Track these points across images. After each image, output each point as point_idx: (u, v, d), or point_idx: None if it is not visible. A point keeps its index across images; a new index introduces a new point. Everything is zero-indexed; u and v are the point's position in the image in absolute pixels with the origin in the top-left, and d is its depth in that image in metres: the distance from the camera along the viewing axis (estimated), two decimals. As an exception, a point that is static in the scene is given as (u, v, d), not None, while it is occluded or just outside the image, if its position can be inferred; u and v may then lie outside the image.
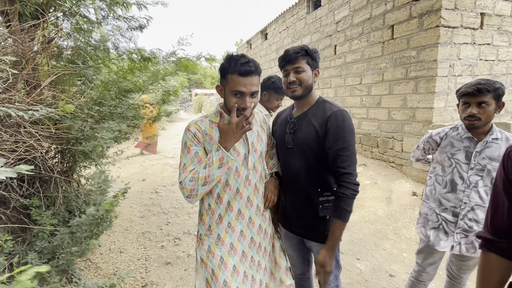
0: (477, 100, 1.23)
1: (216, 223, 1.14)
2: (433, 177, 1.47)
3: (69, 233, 1.86)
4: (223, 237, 1.14)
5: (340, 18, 5.56)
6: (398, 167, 4.43)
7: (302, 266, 1.47)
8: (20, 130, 1.89)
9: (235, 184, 1.14)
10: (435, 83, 3.77)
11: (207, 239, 1.15)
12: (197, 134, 1.11)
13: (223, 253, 1.13)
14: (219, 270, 1.11)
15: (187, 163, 1.08)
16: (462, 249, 1.34)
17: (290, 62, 1.17)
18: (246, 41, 11.64)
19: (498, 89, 1.21)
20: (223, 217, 1.14)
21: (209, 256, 1.13)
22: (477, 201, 1.30)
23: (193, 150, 1.10)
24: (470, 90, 1.24)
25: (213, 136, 1.13)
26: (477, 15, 3.84)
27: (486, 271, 0.74)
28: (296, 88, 1.18)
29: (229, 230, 1.14)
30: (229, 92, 1.07)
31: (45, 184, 2.20)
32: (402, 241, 2.82)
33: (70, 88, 2.59)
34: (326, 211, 1.20)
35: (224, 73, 1.09)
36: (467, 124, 1.31)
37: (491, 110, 1.23)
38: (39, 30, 2.20)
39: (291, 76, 1.17)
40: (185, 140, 1.12)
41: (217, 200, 1.14)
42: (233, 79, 1.05)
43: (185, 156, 1.10)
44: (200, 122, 1.14)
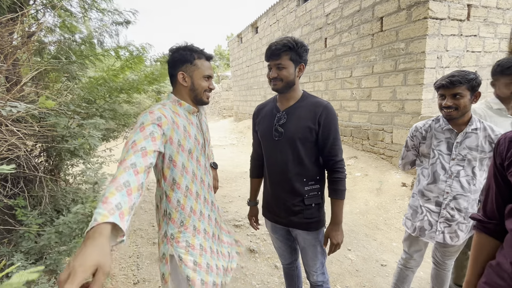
0: (451, 92, 1.27)
1: (189, 216, 1.14)
2: (419, 169, 1.50)
3: (55, 232, 1.83)
4: (198, 226, 1.17)
5: (330, 11, 5.54)
6: (388, 158, 4.50)
7: (289, 256, 1.52)
8: (1, 129, 1.83)
9: (199, 173, 1.19)
10: (424, 74, 3.81)
11: (182, 235, 1.12)
12: (161, 119, 0.99)
13: (200, 240, 1.16)
14: (200, 257, 1.13)
15: (137, 140, 0.89)
16: (446, 238, 1.37)
17: (272, 57, 1.20)
18: (237, 35, 11.51)
19: (471, 80, 1.24)
20: (195, 208, 1.16)
21: (189, 250, 1.12)
22: (459, 191, 1.33)
23: (149, 130, 0.93)
24: (444, 83, 1.28)
25: (179, 125, 1.07)
26: (464, 7, 3.88)
27: (477, 249, 0.80)
28: (277, 83, 1.23)
29: (201, 217, 1.19)
30: (199, 77, 1.15)
31: (30, 184, 2.14)
32: (392, 231, 2.88)
33: (53, 85, 2.52)
34: (311, 199, 1.27)
35: (190, 59, 1.13)
36: (444, 115, 1.35)
37: (466, 101, 1.26)
38: (18, 24, 2.11)
39: (273, 72, 1.22)
40: (142, 120, 0.96)
41: (186, 193, 1.14)
42: (204, 64, 1.15)
43: (137, 133, 0.92)
44: (164, 109, 1.05)
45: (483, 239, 0.79)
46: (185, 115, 1.15)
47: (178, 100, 1.15)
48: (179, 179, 1.11)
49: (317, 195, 1.28)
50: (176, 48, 1.16)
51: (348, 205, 3.57)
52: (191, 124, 1.16)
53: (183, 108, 1.16)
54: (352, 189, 3.99)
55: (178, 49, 1.15)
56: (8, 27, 2.04)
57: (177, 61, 1.14)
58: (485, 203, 0.79)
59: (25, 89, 2.00)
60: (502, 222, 0.74)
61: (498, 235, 0.76)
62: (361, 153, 4.99)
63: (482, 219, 0.79)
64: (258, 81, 9.87)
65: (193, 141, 1.14)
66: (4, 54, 1.92)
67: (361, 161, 4.67)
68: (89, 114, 2.39)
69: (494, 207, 0.76)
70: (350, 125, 5.37)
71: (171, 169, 1.09)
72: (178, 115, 1.11)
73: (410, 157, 1.56)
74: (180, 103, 1.15)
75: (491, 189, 0.77)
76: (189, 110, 1.17)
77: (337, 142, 1.23)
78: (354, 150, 5.19)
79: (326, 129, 1.20)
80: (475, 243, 0.81)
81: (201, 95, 1.17)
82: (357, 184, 4.08)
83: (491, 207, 0.77)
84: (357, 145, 5.24)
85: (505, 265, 0.68)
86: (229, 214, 3.32)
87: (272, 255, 2.46)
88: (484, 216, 0.79)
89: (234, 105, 13.33)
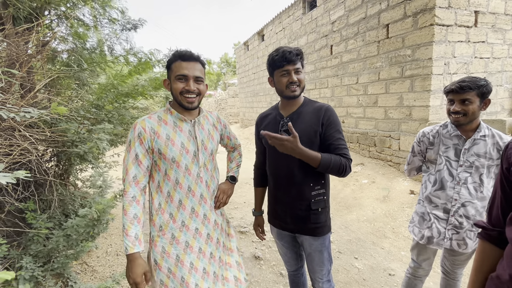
0: (460, 97, 1.25)
1: (167, 222, 1.13)
2: (426, 176, 1.48)
3: (64, 236, 1.85)
4: (177, 236, 1.14)
5: (336, 18, 5.58)
6: (395, 165, 4.44)
7: (295, 263, 1.50)
8: (15, 134, 1.89)
9: (186, 182, 1.14)
10: (431, 81, 3.78)
11: (160, 240, 1.13)
12: (141, 134, 1.09)
13: (178, 251, 1.13)
14: (176, 268, 1.11)
15: (128, 164, 1.09)
16: (453, 244, 1.35)
17: (291, 62, 1.19)
18: (243, 43, 11.67)
19: (482, 86, 1.22)
20: (175, 216, 1.14)
21: (164, 257, 1.11)
22: (467, 198, 1.31)
23: (134, 153, 1.09)
24: (453, 87, 1.27)
25: (160, 134, 1.11)
26: (471, 13, 3.86)
27: (480, 258, 0.76)
28: (296, 88, 1.23)
29: (183, 228, 1.15)
30: (173, 79, 1.12)
31: (40, 188, 2.19)
32: (400, 240, 2.82)
33: (65, 91, 2.59)
34: (317, 204, 1.26)
35: (168, 65, 1.14)
36: (452, 120, 1.33)
37: (475, 107, 1.24)
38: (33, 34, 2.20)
39: (293, 76, 1.20)
40: (129, 138, 1.11)
41: (167, 199, 1.14)
42: (176, 66, 1.12)
43: (128, 154, 1.10)
44: (147, 120, 1.12)
45: (486, 248, 0.75)
46: (174, 123, 1.15)
47: (169, 109, 1.17)
48: (161, 184, 1.14)
49: (323, 199, 1.27)
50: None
51: (355, 212, 3.52)
52: (179, 132, 1.14)
53: (173, 116, 1.16)
54: (359, 196, 3.94)
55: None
56: (24, 36, 2.12)
57: (167, 69, 1.17)
58: (491, 209, 0.76)
59: (38, 96, 2.06)
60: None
61: (502, 244, 0.71)
62: (368, 160, 4.93)
63: (486, 226, 0.75)
64: (264, 88, 9.94)
65: (178, 149, 1.12)
66: (20, 62, 2.00)
67: (368, 168, 4.62)
68: (97, 119, 2.45)
69: (499, 213, 0.72)
70: (357, 131, 5.34)
71: (157, 172, 1.15)
72: (165, 124, 1.14)
73: (416, 162, 1.54)
74: (171, 112, 1.16)
75: (497, 195, 0.74)
76: (179, 118, 1.16)
77: (342, 141, 1.22)
78: (360, 157, 5.14)
79: (330, 128, 1.22)
80: (478, 251, 0.77)
81: (179, 98, 1.12)
82: (364, 191, 4.02)
83: (496, 213, 0.73)
84: (363, 152, 5.19)
85: (504, 276, 0.64)
86: (234, 221, 3.31)
87: (278, 263, 2.44)
88: (489, 223, 0.76)
89: (240, 111, 13.41)
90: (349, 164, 1.19)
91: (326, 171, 1.17)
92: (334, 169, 1.16)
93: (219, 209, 1.33)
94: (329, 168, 1.15)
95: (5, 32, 2.05)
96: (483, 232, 0.76)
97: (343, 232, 3.02)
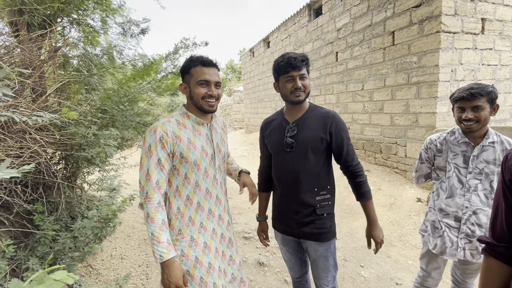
0: (472, 104, 1.25)
1: (187, 225, 1.13)
2: (437, 183, 1.45)
3: (71, 238, 1.87)
4: (196, 238, 1.14)
5: (341, 26, 5.62)
6: (402, 172, 4.38)
7: (300, 269, 1.48)
8: (26, 136, 1.93)
9: (204, 184, 1.17)
10: (437, 88, 3.76)
11: (178, 243, 1.12)
12: (163, 138, 1.07)
13: (197, 253, 1.13)
14: (194, 269, 1.11)
15: (150, 169, 1.05)
16: (467, 254, 1.31)
17: (296, 68, 1.20)
18: (249, 49, 11.80)
19: (491, 92, 1.23)
20: (194, 219, 1.14)
21: (183, 260, 1.11)
22: (479, 205, 1.28)
23: (156, 157, 1.06)
24: (464, 95, 1.26)
25: (182, 138, 1.11)
26: (478, 21, 3.85)
27: (486, 276, 0.71)
28: (300, 94, 1.24)
29: (202, 230, 1.16)
30: (194, 84, 1.13)
31: (49, 190, 2.22)
32: (407, 248, 2.76)
33: (74, 96, 2.65)
34: (323, 209, 1.26)
35: (187, 70, 1.15)
36: (463, 128, 1.31)
37: (486, 113, 1.25)
38: (46, 40, 2.27)
39: (298, 82, 1.21)
40: (149, 142, 1.07)
41: (186, 202, 1.15)
42: (197, 71, 1.13)
43: (148, 159, 1.06)
44: (168, 124, 1.11)
45: (492, 265, 0.69)
46: (192, 127, 1.16)
47: (186, 113, 1.17)
48: (180, 188, 1.14)
49: (329, 205, 1.27)
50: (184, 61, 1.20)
51: (361, 219, 3.47)
52: (198, 135, 1.16)
53: (191, 120, 1.17)
54: (364, 204, 3.89)
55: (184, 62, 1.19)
56: (38, 42, 2.19)
57: (182, 73, 1.18)
58: (494, 223, 0.71)
59: (50, 100, 2.11)
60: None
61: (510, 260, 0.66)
62: (374, 166, 4.89)
63: (491, 241, 0.70)
64: (269, 94, 9.99)
65: (199, 153, 1.14)
66: (33, 67, 2.06)
67: (374, 175, 4.57)
68: (103, 123, 2.49)
69: (504, 227, 0.67)
70: (362, 138, 5.31)
71: (175, 176, 1.14)
72: (185, 127, 1.14)
73: (424, 169, 1.53)
74: (188, 115, 1.17)
75: (500, 208, 0.69)
76: (197, 122, 1.18)
77: (350, 148, 1.27)
78: (366, 164, 5.09)
79: (339, 138, 1.24)
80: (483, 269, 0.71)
81: (200, 102, 1.14)
82: (369, 199, 3.98)
83: (501, 228, 0.68)
84: (369, 159, 5.15)
85: None
86: (238, 226, 3.29)
87: (282, 269, 2.41)
88: (493, 238, 0.70)
89: (245, 117, 13.47)
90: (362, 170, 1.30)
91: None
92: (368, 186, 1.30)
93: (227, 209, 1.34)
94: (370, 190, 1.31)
95: (19, 38, 2.12)
96: (488, 248, 0.71)
97: (348, 240, 2.97)
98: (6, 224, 1.84)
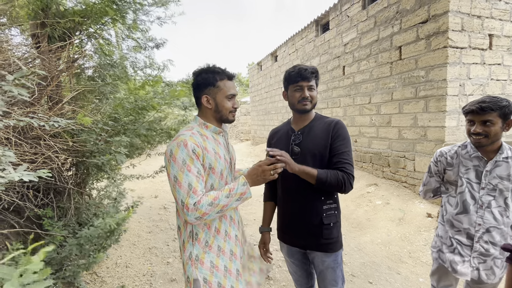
0: (481, 118, 1.20)
1: (213, 236, 1.12)
2: (445, 197, 1.42)
3: (77, 245, 1.88)
4: (223, 246, 1.14)
5: (348, 41, 5.72)
6: (411, 187, 4.30)
7: (306, 282, 1.45)
8: (40, 142, 1.99)
9: None
10: (446, 102, 3.75)
11: (207, 256, 1.10)
12: (196, 150, 1.04)
13: (225, 262, 1.13)
14: (225, 279, 1.10)
15: (193, 183, 1.01)
16: (482, 275, 1.26)
17: (305, 79, 1.26)
18: (257, 63, 12.04)
19: (504, 107, 1.17)
20: (219, 228, 1.14)
21: (213, 272, 1.08)
22: (492, 223, 1.23)
23: (195, 169, 1.03)
24: (473, 108, 1.21)
25: (208, 149, 1.10)
26: (485, 36, 3.87)
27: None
28: (307, 103, 1.28)
29: (227, 238, 1.16)
30: (223, 98, 1.15)
31: (59, 195, 2.26)
32: (417, 265, 2.67)
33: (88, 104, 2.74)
34: (329, 218, 1.25)
35: (212, 82, 1.14)
36: (473, 142, 1.27)
37: (497, 128, 1.19)
38: (65, 51, 2.38)
39: (306, 92, 1.27)
40: (182, 157, 1.02)
41: None
42: (226, 85, 1.15)
43: (186, 175, 1.01)
44: (194, 136, 1.08)
45: None
46: (213, 137, 1.16)
47: (204, 123, 1.17)
48: None
49: (335, 214, 1.26)
50: (199, 72, 1.17)
51: (369, 234, 3.39)
52: (219, 145, 1.17)
53: (209, 130, 1.17)
54: (372, 218, 3.81)
55: (201, 72, 1.16)
56: (57, 53, 2.30)
57: (201, 85, 1.15)
58: None
59: (65, 107, 2.18)
60: None
61: None
62: (382, 180, 4.81)
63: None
64: (276, 106, 10.08)
65: (223, 162, 1.14)
66: (51, 76, 2.15)
67: (382, 189, 4.49)
68: (114, 131, 2.55)
69: None
70: (370, 151, 5.26)
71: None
72: (207, 138, 1.13)
73: (433, 184, 1.48)
74: (207, 126, 1.17)
75: None
76: (215, 132, 1.18)
77: (345, 154, 1.22)
78: (374, 177, 5.02)
79: (336, 141, 1.25)
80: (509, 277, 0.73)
81: (227, 115, 1.17)
82: (378, 213, 3.89)
83: None
84: (377, 172, 5.08)
85: None
86: (243, 237, 3.25)
87: (288, 283, 2.35)
88: None
89: (252, 129, 13.55)
90: (348, 179, 1.18)
91: (324, 186, 1.17)
92: (332, 185, 1.17)
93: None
94: (326, 183, 1.16)
95: (40, 49, 2.23)
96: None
97: (356, 255, 2.90)
98: (17, 227, 1.87)
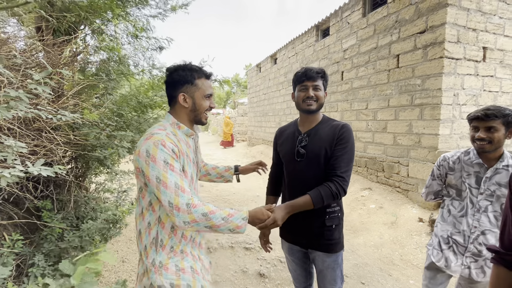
0: (486, 124, 1.26)
1: (179, 242, 1.09)
2: (448, 200, 1.48)
3: (78, 237, 1.89)
4: (185, 249, 1.11)
5: (348, 47, 5.82)
6: (404, 192, 4.40)
7: (304, 280, 1.48)
8: (42, 134, 2.00)
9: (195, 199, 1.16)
10: (440, 110, 3.86)
11: (171, 261, 1.05)
12: (174, 150, 1.00)
13: (190, 263, 1.10)
14: (194, 280, 1.07)
15: (178, 182, 0.96)
16: (472, 273, 1.33)
17: (310, 79, 1.28)
18: (256, 65, 12.10)
19: (507, 115, 1.23)
20: (185, 233, 1.11)
21: (180, 275, 1.04)
22: (487, 226, 1.30)
23: (177, 167, 0.99)
24: (478, 115, 1.28)
25: (182, 151, 1.05)
26: (480, 49, 4.01)
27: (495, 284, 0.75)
28: (312, 103, 1.29)
29: (191, 242, 1.14)
30: (201, 97, 1.11)
31: (58, 188, 2.26)
32: (409, 268, 2.75)
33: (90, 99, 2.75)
34: (332, 220, 1.27)
35: (190, 80, 1.08)
36: (476, 147, 1.33)
37: (500, 135, 1.25)
38: (69, 45, 2.40)
39: (310, 92, 1.28)
40: (163, 157, 0.96)
41: None
42: (204, 83, 1.11)
43: (171, 174, 0.96)
44: (170, 136, 1.03)
45: (501, 273, 0.74)
46: (184, 139, 1.11)
47: (177, 123, 1.11)
48: None
49: (337, 216, 1.29)
50: (174, 68, 1.10)
51: (362, 237, 3.46)
52: (189, 147, 1.13)
53: (182, 131, 1.11)
54: (366, 221, 3.88)
55: (177, 69, 1.10)
56: (62, 47, 2.31)
57: (177, 82, 1.09)
58: (503, 234, 0.76)
59: (69, 101, 2.20)
60: None
61: None
62: (376, 184, 4.90)
63: (500, 250, 0.75)
64: (274, 108, 10.15)
65: (193, 166, 1.12)
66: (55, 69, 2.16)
67: (376, 193, 4.58)
68: (117, 127, 2.57)
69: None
70: (365, 156, 5.36)
71: None
72: (179, 140, 1.07)
73: (435, 186, 1.55)
74: (179, 126, 1.11)
75: (509, 219, 0.74)
76: (187, 133, 1.13)
77: (345, 157, 1.21)
78: (368, 182, 5.11)
79: (338, 144, 1.24)
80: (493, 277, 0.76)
81: (201, 115, 1.13)
82: (371, 216, 3.97)
83: (509, 237, 0.74)
84: (371, 177, 5.17)
85: None
86: (239, 237, 3.29)
87: (283, 282, 2.39)
88: (502, 247, 0.76)
89: (249, 130, 13.58)
90: (342, 187, 1.19)
91: (323, 204, 1.19)
92: (329, 200, 1.19)
93: None
94: (324, 202, 1.18)
95: (46, 42, 2.24)
96: (497, 257, 0.76)
97: (350, 256, 2.96)
98: (16, 218, 1.88)
